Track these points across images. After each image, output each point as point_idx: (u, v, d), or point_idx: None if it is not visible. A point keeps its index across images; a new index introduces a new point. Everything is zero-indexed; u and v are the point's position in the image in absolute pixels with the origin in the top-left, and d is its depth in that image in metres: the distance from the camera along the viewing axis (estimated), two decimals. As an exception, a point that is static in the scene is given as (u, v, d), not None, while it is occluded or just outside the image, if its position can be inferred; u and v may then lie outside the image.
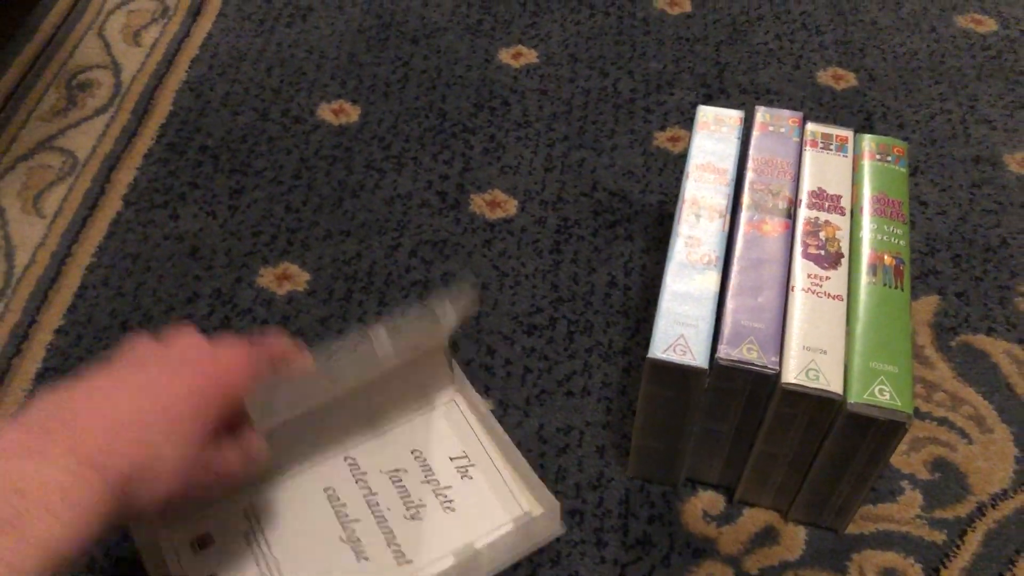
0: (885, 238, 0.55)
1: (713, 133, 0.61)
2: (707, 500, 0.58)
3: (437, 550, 0.53)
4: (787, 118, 0.61)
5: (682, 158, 0.77)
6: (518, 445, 0.59)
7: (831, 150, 0.60)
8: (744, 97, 0.83)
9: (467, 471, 0.56)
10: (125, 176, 0.76)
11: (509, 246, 0.71)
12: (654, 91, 0.83)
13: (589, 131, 0.80)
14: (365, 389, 0.54)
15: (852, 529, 0.56)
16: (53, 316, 0.66)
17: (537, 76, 0.85)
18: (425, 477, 0.56)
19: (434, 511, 0.54)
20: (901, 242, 0.54)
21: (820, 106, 0.82)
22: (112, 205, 0.74)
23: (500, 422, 0.61)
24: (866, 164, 0.59)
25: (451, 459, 0.56)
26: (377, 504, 0.54)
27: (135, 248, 0.71)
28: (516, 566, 0.55)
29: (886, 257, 0.54)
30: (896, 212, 0.56)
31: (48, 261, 0.70)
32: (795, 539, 0.56)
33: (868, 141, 0.60)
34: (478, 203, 0.74)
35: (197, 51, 0.87)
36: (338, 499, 0.54)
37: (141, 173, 0.76)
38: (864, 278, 0.53)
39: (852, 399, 0.47)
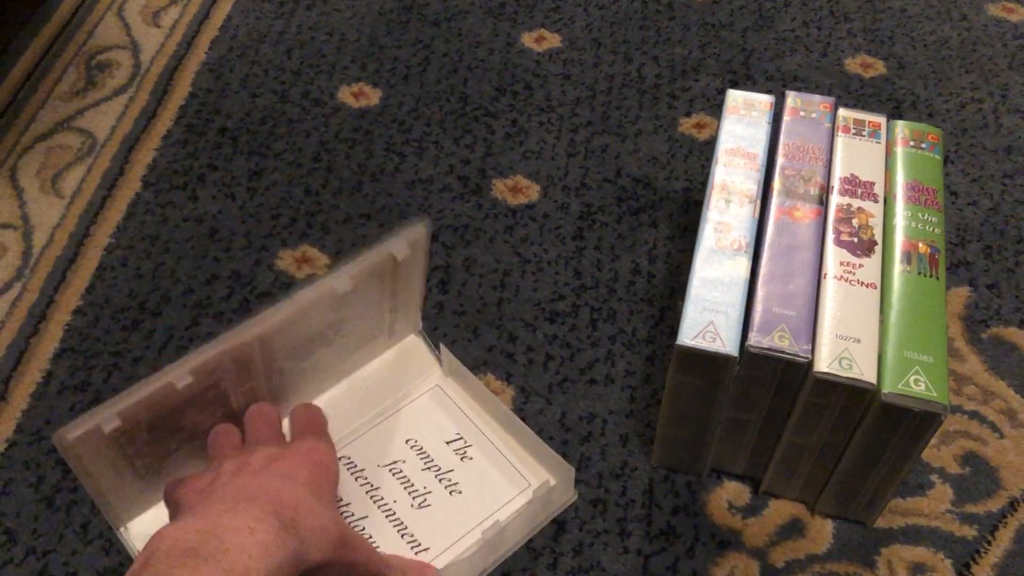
0: (920, 226, 0.53)
1: (743, 118, 0.60)
2: (732, 491, 0.57)
3: (452, 534, 0.52)
4: (818, 103, 0.60)
5: (708, 145, 0.76)
6: (540, 432, 0.58)
7: (864, 136, 0.58)
8: (771, 84, 0.81)
9: (465, 452, 0.56)
10: (144, 157, 0.75)
11: (531, 232, 0.70)
12: (679, 77, 0.82)
13: (613, 116, 0.79)
14: (333, 340, 0.54)
15: (880, 523, 0.55)
16: (71, 296, 0.66)
17: (560, 60, 0.83)
18: (424, 464, 0.55)
19: (441, 496, 0.53)
20: (936, 230, 0.53)
21: (848, 94, 0.81)
22: (131, 186, 0.73)
23: (521, 409, 0.60)
24: (899, 151, 0.58)
25: (447, 443, 0.56)
26: (382, 498, 0.54)
27: (154, 229, 0.70)
28: (538, 556, 0.54)
29: (920, 245, 0.52)
30: (931, 200, 0.55)
31: (66, 241, 0.69)
32: (822, 532, 0.55)
33: (902, 128, 0.59)
34: (500, 188, 0.73)
35: (217, 32, 0.86)
36: (340, 499, 0.53)
37: (160, 154, 0.75)
38: (898, 266, 0.52)
39: (886, 389, 0.46)
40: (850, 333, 0.48)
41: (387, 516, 0.53)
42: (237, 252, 0.68)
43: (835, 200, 0.55)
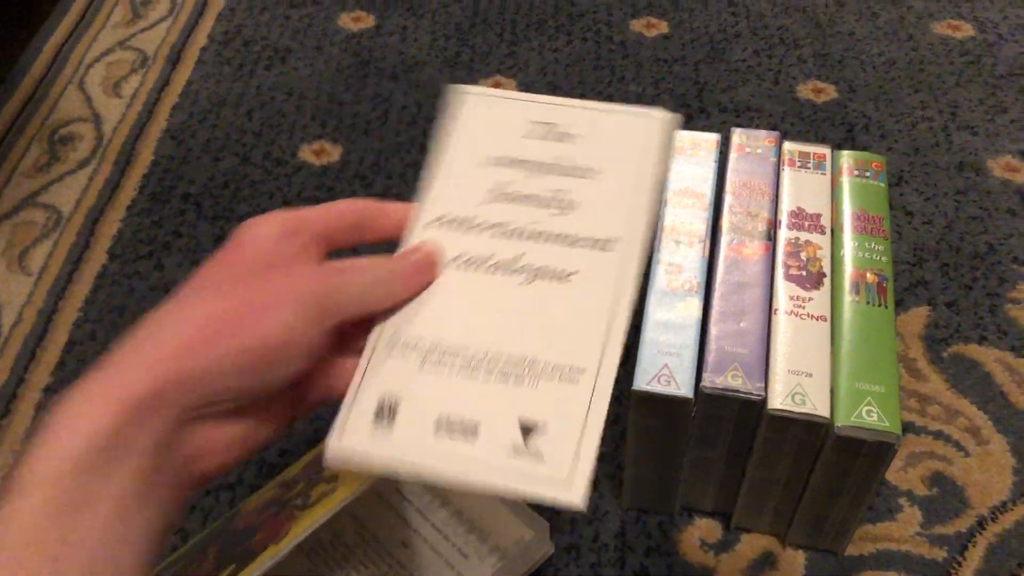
0: (867, 255, 0.54)
1: (690, 158, 0.61)
2: (704, 528, 0.57)
3: None
4: (764, 138, 0.61)
5: (664, 183, 0.77)
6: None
7: (809, 168, 0.59)
8: (724, 116, 0.83)
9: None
10: (109, 228, 0.76)
11: (495, 279, 0.71)
12: (634, 114, 0.83)
13: (571, 158, 0.80)
14: None
15: (852, 550, 0.56)
16: (41, 375, 0.66)
17: (517, 106, 0.85)
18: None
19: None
20: (883, 258, 0.54)
21: (801, 120, 0.82)
22: (97, 259, 0.74)
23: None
24: (845, 181, 0.59)
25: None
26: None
27: (121, 301, 0.71)
28: (513, 606, 0.54)
29: (868, 274, 0.53)
30: (877, 228, 0.56)
31: (35, 319, 0.70)
32: (794, 564, 0.55)
33: (846, 157, 0.60)
34: (462, 237, 0.74)
35: (177, 98, 0.87)
36: None
37: (125, 225, 0.76)
38: (847, 297, 0.52)
39: (839, 422, 0.47)
40: (802, 367, 0.49)
41: None
42: (204, 318, 0.69)
43: (783, 235, 0.56)
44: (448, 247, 0.39)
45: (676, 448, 0.52)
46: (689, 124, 0.82)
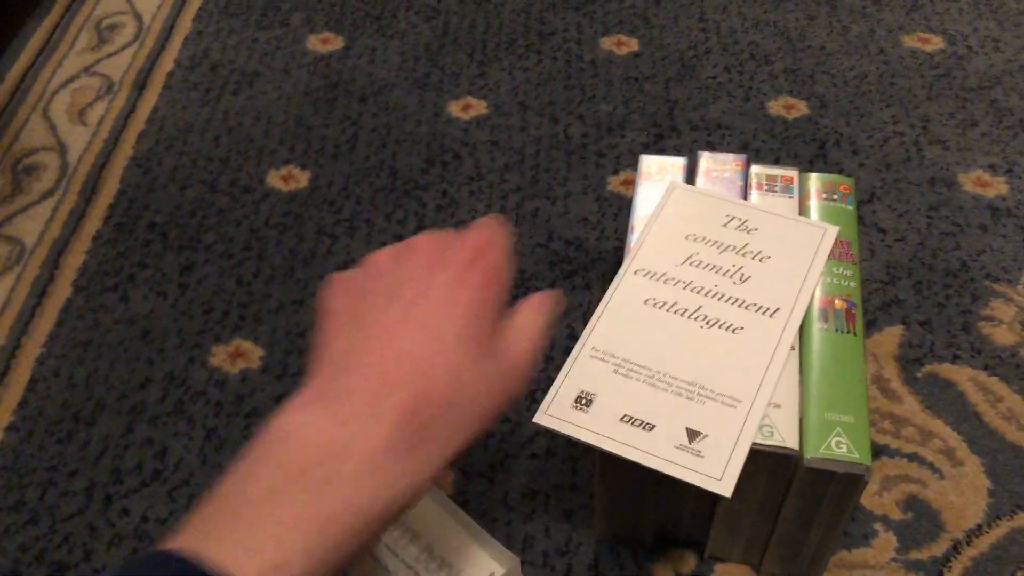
0: (835, 280, 0.54)
1: (656, 183, 0.60)
2: (678, 558, 0.56)
3: None
4: (731, 162, 0.61)
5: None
6: (483, 515, 0.58)
7: (776, 191, 0.59)
8: (695, 134, 0.82)
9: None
10: (74, 260, 0.75)
11: (466, 305, 0.70)
12: (605, 134, 0.83)
13: (542, 180, 0.79)
14: None
15: (827, 578, 0.55)
16: (3, 414, 0.65)
17: (487, 127, 0.84)
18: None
19: None
20: (851, 283, 0.54)
21: (772, 137, 0.82)
22: (61, 292, 0.73)
23: (464, 492, 0.60)
24: (813, 204, 0.58)
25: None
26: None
27: (86, 335, 0.69)
28: (485, 644, 0.53)
29: (836, 301, 0.53)
30: (845, 253, 0.55)
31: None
32: (769, 593, 0.55)
33: (814, 180, 0.60)
34: (433, 262, 0.73)
35: (144, 125, 0.86)
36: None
37: (90, 256, 0.75)
38: (816, 324, 0.52)
39: (809, 454, 0.46)
40: (771, 398, 0.49)
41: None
42: (170, 352, 0.68)
43: (751, 260, 0.55)
44: (644, 291, 0.53)
45: (645, 478, 0.52)
46: (660, 143, 0.82)
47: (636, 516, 0.55)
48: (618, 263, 0.72)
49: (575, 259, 0.73)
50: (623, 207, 0.76)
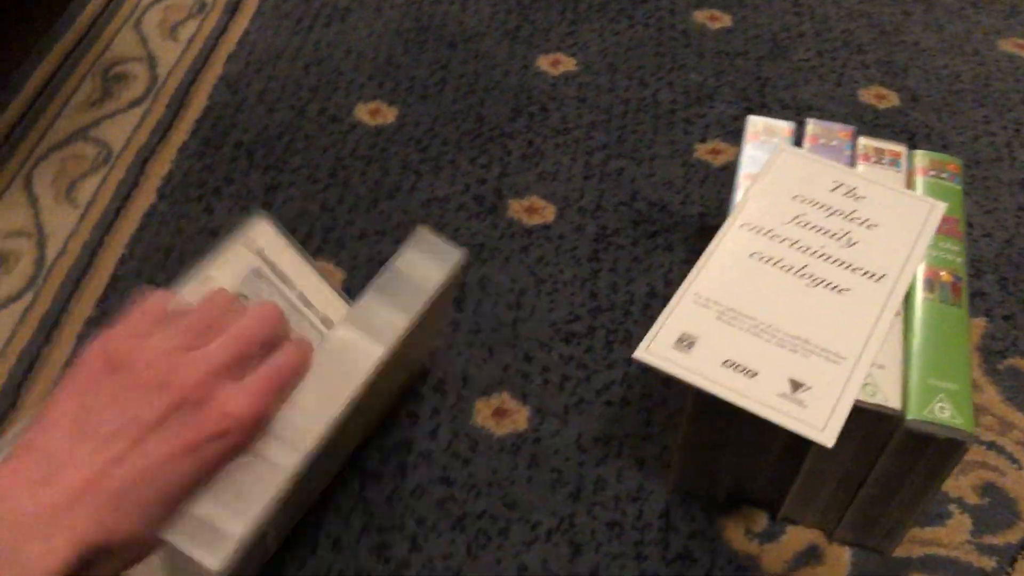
0: (941, 255, 0.53)
1: (764, 143, 0.60)
2: (750, 517, 0.56)
3: None
4: (838, 131, 0.60)
5: (723, 171, 0.76)
6: (555, 453, 0.58)
7: (884, 164, 0.59)
8: (786, 113, 0.82)
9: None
10: (159, 169, 0.75)
11: (547, 253, 0.70)
12: (694, 103, 0.82)
13: (628, 140, 0.79)
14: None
15: (898, 552, 0.55)
16: (84, 307, 0.65)
17: (576, 84, 0.84)
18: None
19: None
20: (958, 259, 0.53)
21: (862, 124, 0.81)
22: (146, 197, 0.73)
23: (537, 430, 0.60)
24: (920, 180, 0.58)
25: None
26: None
27: (168, 241, 0.70)
28: (553, 577, 0.53)
29: (943, 273, 0.52)
30: (952, 229, 0.55)
31: (80, 251, 0.69)
32: (840, 560, 0.54)
33: (921, 157, 0.59)
34: (516, 208, 0.73)
35: (234, 47, 0.86)
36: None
37: (175, 167, 0.75)
38: (920, 294, 0.52)
39: (911, 416, 0.46)
40: (875, 359, 0.48)
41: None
42: (252, 266, 0.68)
43: (857, 227, 0.55)
44: (750, 245, 0.53)
45: (734, 434, 0.52)
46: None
47: (714, 470, 0.55)
48: (703, 229, 0.71)
49: (658, 220, 0.73)
50: (709, 175, 0.76)
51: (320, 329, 0.55)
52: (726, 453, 0.53)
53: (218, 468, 0.40)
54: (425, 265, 0.51)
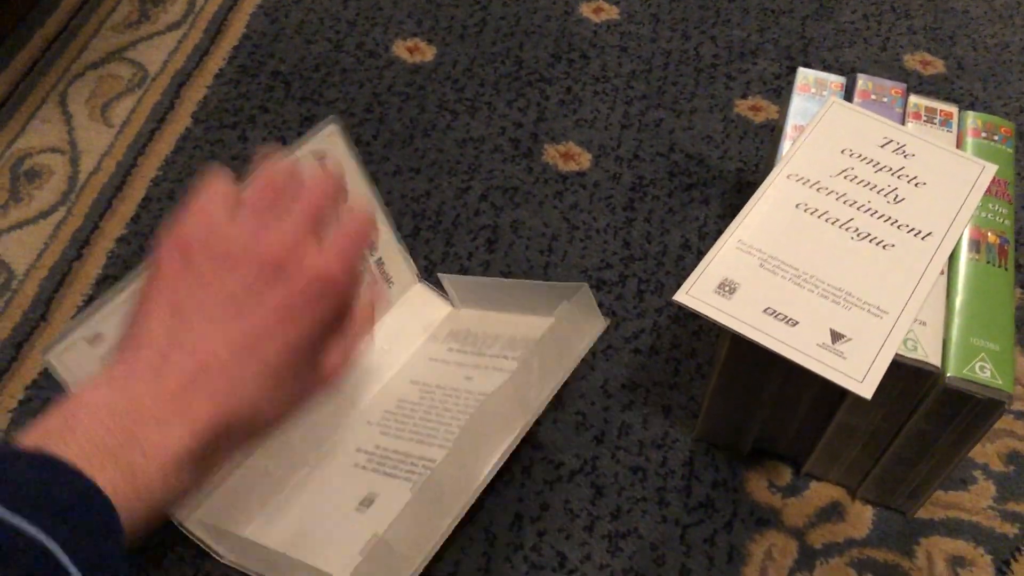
0: (989, 216, 0.53)
1: (814, 96, 0.59)
2: (773, 470, 0.56)
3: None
4: (890, 88, 0.59)
5: (763, 128, 0.75)
6: (581, 397, 0.58)
7: (935, 124, 0.58)
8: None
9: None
10: (195, 94, 0.74)
11: (581, 199, 0.69)
12: (736, 59, 0.81)
13: (669, 92, 0.78)
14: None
15: (921, 514, 0.55)
16: (116, 225, 0.65)
17: (617, 33, 0.83)
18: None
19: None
20: (1006, 221, 0.52)
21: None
22: (181, 121, 0.72)
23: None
24: (970, 141, 0.57)
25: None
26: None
27: (202, 165, 0.69)
28: (575, 517, 0.53)
29: (990, 235, 0.52)
30: (1001, 191, 0.54)
31: (114, 170, 0.68)
32: (862, 517, 0.54)
33: (973, 118, 0.58)
34: (551, 153, 0.72)
35: (273, -23, 0.85)
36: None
37: (211, 92, 0.75)
38: (965, 254, 0.51)
39: (950, 373, 0.46)
40: (917, 315, 0.48)
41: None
42: (285, 194, 0.68)
43: (904, 184, 0.54)
44: (796, 195, 0.52)
45: (765, 384, 0.51)
46: (792, 76, 0.80)
47: (741, 421, 0.54)
48: (740, 184, 0.71)
49: (695, 173, 0.72)
50: (749, 131, 0.75)
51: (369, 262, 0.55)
52: (755, 404, 0.53)
53: (320, 333, 0.38)
54: (579, 332, 0.51)
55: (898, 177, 0.53)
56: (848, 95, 0.59)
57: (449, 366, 0.56)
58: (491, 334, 0.57)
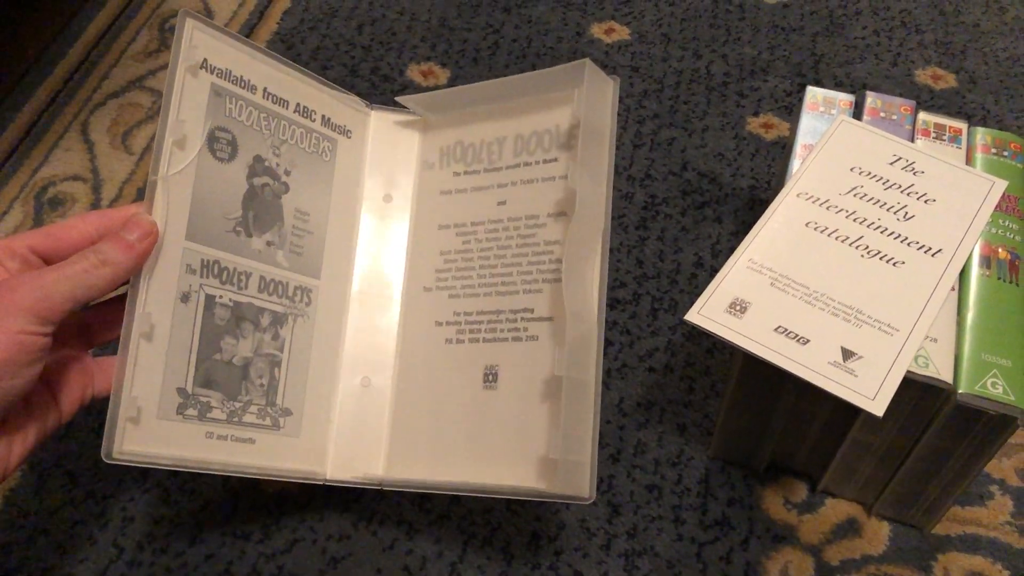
0: (1000, 232, 0.53)
1: (822, 114, 0.59)
2: (789, 487, 0.56)
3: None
4: (899, 105, 0.60)
5: (775, 145, 0.76)
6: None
7: (944, 140, 0.58)
8: (840, 90, 0.81)
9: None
10: (213, 120, 0.76)
11: (594, 219, 0.70)
12: (748, 76, 0.82)
13: (680, 111, 0.78)
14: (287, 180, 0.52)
15: (937, 530, 0.55)
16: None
17: (629, 53, 0.83)
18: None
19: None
20: (1016, 237, 0.53)
21: (918, 104, 0.80)
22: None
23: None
24: (980, 157, 0.57)
25: None
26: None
27: (221, 191, 0.71)
28: (592, 535, 0.54)
29: (1000, 251, 0.52)
30: (1011, 207, 0.54)
31: (135, 197, 0.70)
32: (878, 534, 0.54)
33: (983, 134, 0.58)
34: (564, 174, 0.73)
35: (289, 4, 0.87)
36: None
37: (229, 118, 0.76)
38: (976, 270, 0.51)
39: (962, 389, 0.46)
40: (928, 332, 0.48)
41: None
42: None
43: (914, 201, 0.55)
44: (806, 214, 0.53)
45: (779, 402, 0.52)
46: (803, 93, 0.80)
47: (756, 438, 0.55)
48: (752, 201, 0.71)
49: (708, 191, 0.72)
50: (760, 148, 0.76)
51: (329, 136, 0.54)
52: (769, 421, 0.53)
53: None
54: (603, 110, 0.50)
55: (908, 194, 0.54)
56: (857, 113, 0.60)
57: (469, 195, 0.54)
58: (492, 140, 0.54)
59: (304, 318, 0.52)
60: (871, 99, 0.60)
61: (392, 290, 0.55)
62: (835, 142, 0.57)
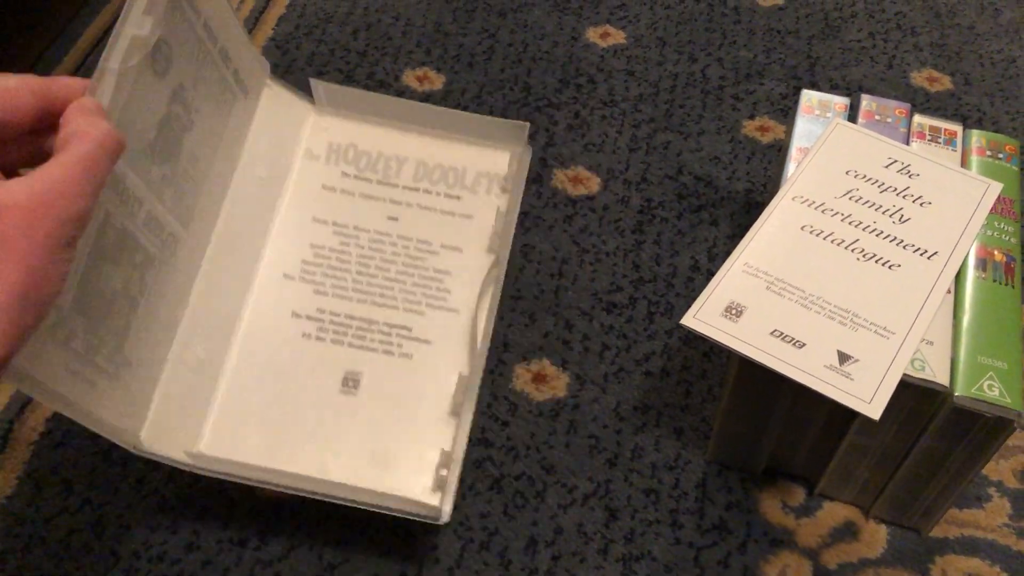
0: (995, 234, 0.53)
1: (817, 118, 0.59)
2: (786, 490, 0.56)
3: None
4: (894, 108, 0.60)
5: (771, 148, 0.76)
6: (593, 420, 0.58)
7: (939, 143, 0.58)
8: (836, 92, 0.81)
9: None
10: (209, 126, 0.76)
11: (590, 223, 0.70)
12: (743, 80, 0.82)
13: (676, 115, 0.78)
14: (190, 119, 0.48)
15: (935, 532, 0.55)
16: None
17: (624, 57, 0.84)
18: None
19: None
20: (1012, 240, 0.53)
21: (914, 107, 0.80)
22: (195, 154, 0.74)
23: (576, 396, 0.60)
24: (975, 160, 0.57)
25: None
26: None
27: (216, 197, 0.71)
28: (589, 540, 0.54)
29: (996, 253, 0.52)
30: (1007, 210, 0.54)
31: (130, 203, 0.70)
32: (876, 537, 0.54)
33: (977, 137, 0.58)
34: (560, 178, 0.73)
35: (284, 10, 0.87)
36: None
37: (225, 125, 0.76)
38: (972, 272, 0.51)
39: (959, 392, 0.46)
40: (924, 335, 0.48)
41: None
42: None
43: (910, 204, 0.55)
44: (801, 217, 0.53)
45: (776, 405, 0.52)
46: (799, 95, 0.80)
47: (753, 442, 0.55)
48: (749, 205, 0.71)
49: (704, 195, 0.72)
50: (756, 151, 0.76)
51: (231, 84, 0.51)
52: (766, 425, 0.53)
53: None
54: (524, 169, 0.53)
55: (903, 197, 0.54)
56: (852, 116, 0.60)
57: (356, 199, 0.52)
58: (391, 156, 0.53)
59: (167, 267, 0.48)
60: (866, 102, 0.60)
61: (247, 268, 0.52)
62: (830, 145, 0.57)
